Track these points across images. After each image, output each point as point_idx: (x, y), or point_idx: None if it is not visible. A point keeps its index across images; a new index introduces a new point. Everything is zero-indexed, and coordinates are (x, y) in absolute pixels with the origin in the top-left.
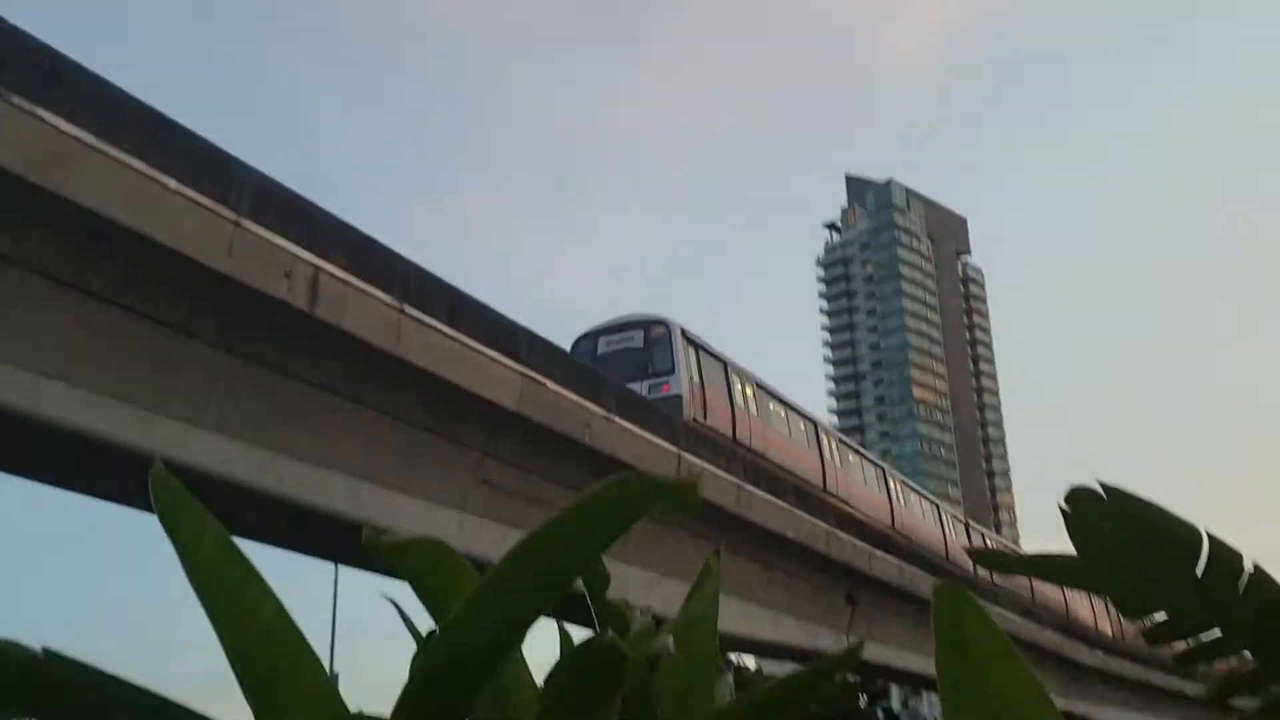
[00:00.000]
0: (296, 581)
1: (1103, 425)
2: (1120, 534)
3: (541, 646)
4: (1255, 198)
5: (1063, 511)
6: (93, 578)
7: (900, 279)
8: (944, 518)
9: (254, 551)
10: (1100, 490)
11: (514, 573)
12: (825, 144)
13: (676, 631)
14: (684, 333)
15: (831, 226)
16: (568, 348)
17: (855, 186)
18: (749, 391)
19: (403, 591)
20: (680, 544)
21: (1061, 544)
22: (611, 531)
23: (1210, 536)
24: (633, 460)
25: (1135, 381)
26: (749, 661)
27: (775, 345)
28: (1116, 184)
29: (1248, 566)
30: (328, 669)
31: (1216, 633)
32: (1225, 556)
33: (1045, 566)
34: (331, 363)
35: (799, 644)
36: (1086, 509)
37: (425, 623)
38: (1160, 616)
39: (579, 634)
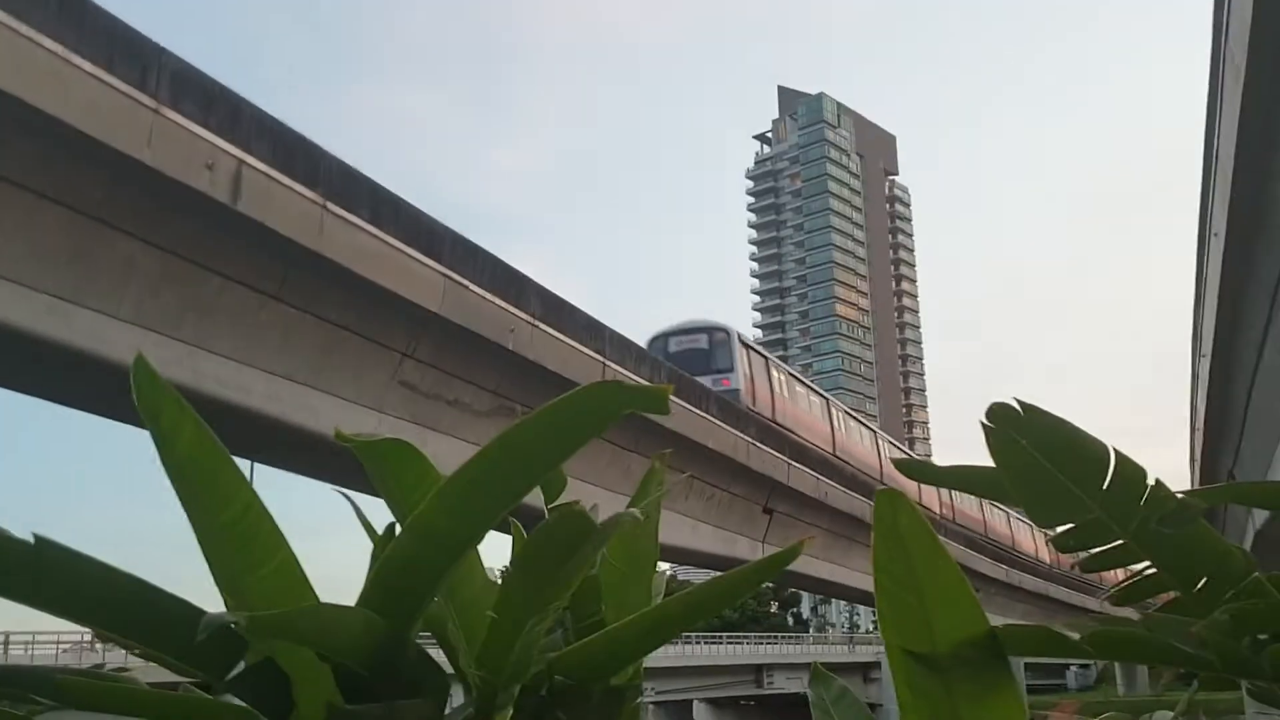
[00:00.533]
0: None
1: (1017, 348)
2: (1035, 448)
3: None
4: (1176, 129)
5: (984, 426)
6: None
7: (828, 195)
8: None
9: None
10: (1018, 407)
11: (485, 469)
12: (759, 54)
13: (621, 532)
14: (740, 337)
15: (762, 138)
16: (484, 247)
17: (787, 98)
18: (782, 379)
19: (312, 489)
20: (600, 453)
21: (975, 462)
22: (585, 433)
23: (1117, 452)
24: (556, 367)
25: (1049, 307)
26: (665, 568)
27: (703, 255)
28: (1045, 112)
29: (1149, 481)
30: None
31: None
32: (1130, 471)
33: (966, 478)
34: (252, 258)
35: (716, 552)
36: (1006, 424)
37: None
38: (1068, 527)
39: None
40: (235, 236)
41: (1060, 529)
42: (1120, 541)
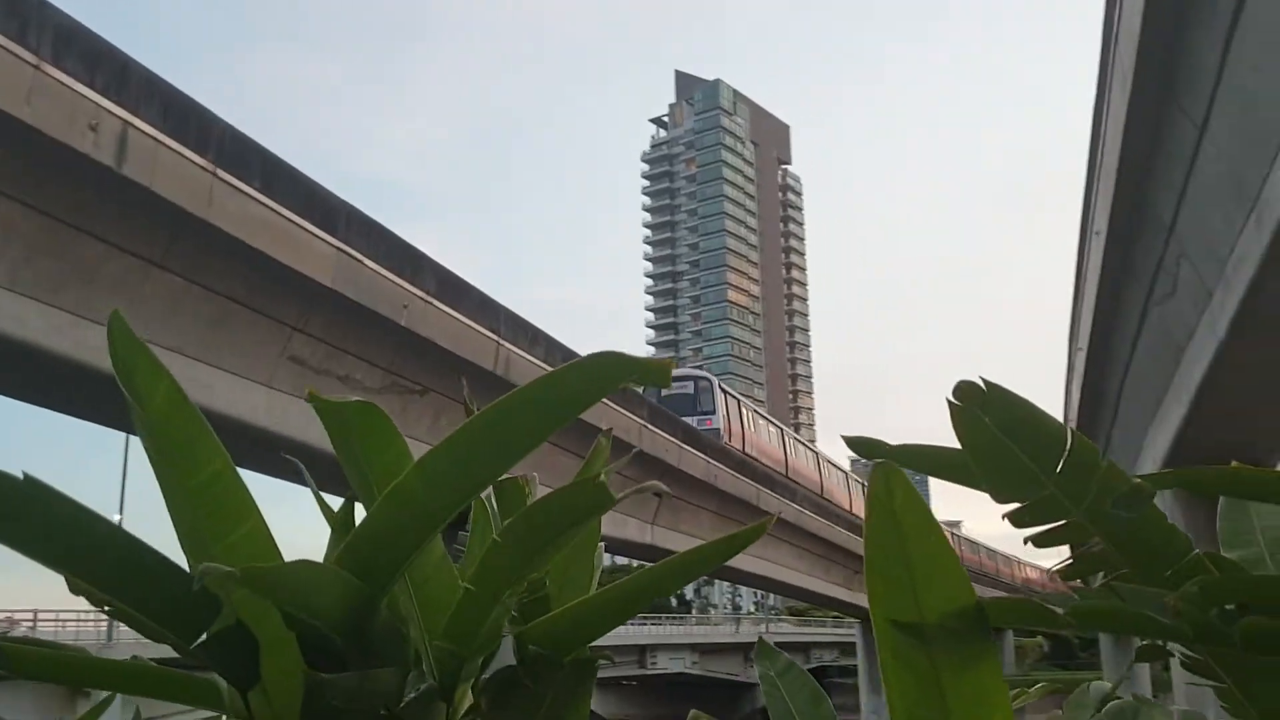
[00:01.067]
0: (90, 448)
1: (901, 338)
2: (997, 426)
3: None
4: (1067, 129)
5: (950, 404)
6: None
7: (723, 181)
8: (850, 481)
9: (42, 418)
10: (983, 386)
11: (475, 437)
12: (658, 38)
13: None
14: (719, 385)
15: (658, 122)
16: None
17: (684, 83)
18: (749, 416)
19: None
20: None
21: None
22: (582, 404)
23: (1073, 432)
24: (450, 345)
25: (936, 299)
26: None
27: (599, 237)
28: (939, 108)
29: (1102, 462)
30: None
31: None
32: (1084, 451)
33: (919, 457)
34: (138, 225)
35: (607, 533)
36: (971, 401)
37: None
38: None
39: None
40: (120, 202)
41: (1015, 505)
42: (1065, 522)
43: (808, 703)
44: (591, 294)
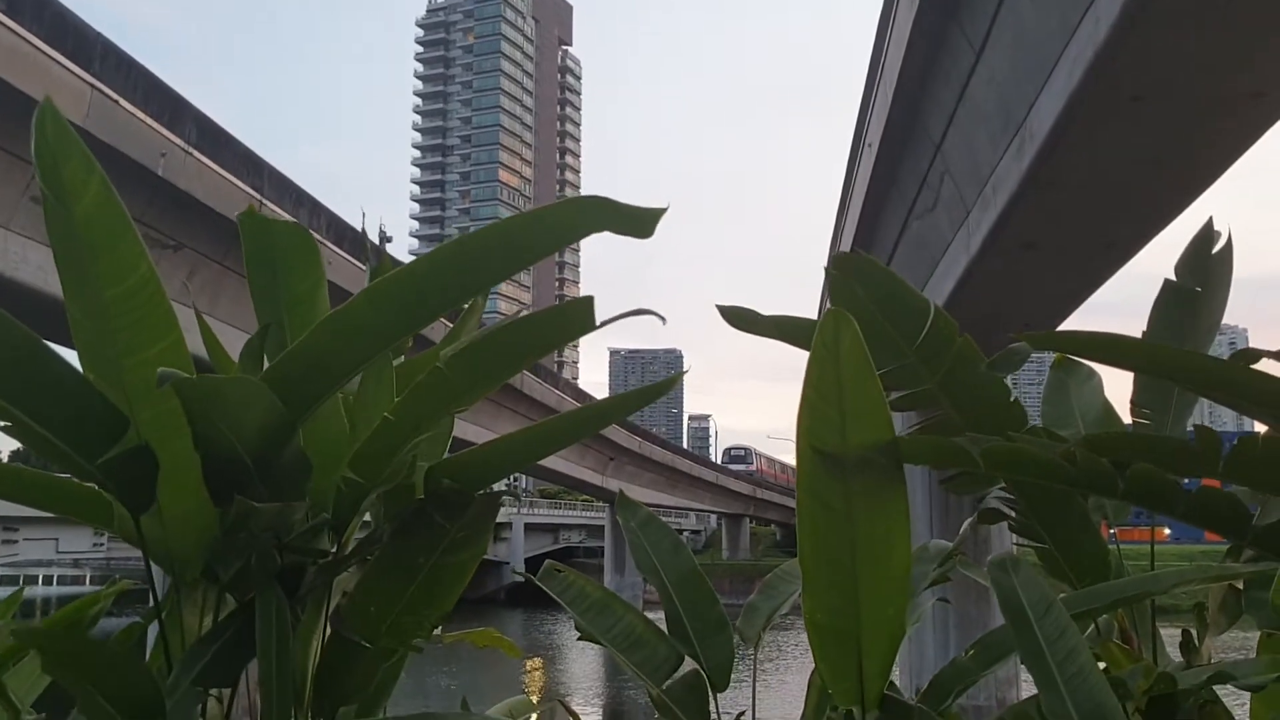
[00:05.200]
0: None
1: (668, 231)
2: (869, 297)
3: None
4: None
5: (828, 273)
6: None
7: (500, 55)
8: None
9: None
10: (857, 258)
11: (440, 266)
12: None
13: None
14: (756, 451)
15: None
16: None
17: None
18: (773, 461)
19: None
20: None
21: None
22: (555, 244)
23: (935, 308)
24: (208, 200)
25: (708, 195)
26: None
27: (365, 101)
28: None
29: (959, 336)
30: None
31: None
32: (944, 325)
33: (783, 327)
34: None
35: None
36: (847, 272)
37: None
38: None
39: None
40: None
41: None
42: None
43: (669, 552)
44: (355, 161)
